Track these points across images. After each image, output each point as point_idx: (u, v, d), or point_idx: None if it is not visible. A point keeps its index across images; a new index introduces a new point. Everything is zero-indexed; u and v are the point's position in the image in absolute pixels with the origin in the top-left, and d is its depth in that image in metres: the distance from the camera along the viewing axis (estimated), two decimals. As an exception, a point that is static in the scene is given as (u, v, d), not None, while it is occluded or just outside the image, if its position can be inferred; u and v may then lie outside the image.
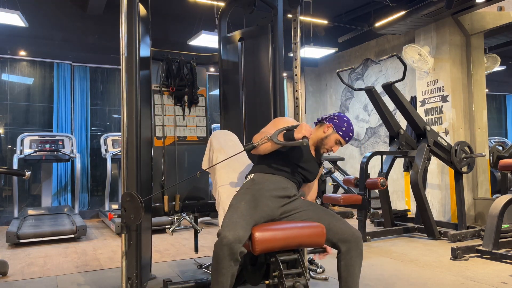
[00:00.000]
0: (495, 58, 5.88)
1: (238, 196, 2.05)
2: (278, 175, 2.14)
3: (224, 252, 1.76)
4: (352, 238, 1.98)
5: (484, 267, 3.21)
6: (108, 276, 3.19)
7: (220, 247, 1.77)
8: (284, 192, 2.11)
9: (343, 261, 2.00)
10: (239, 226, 1.81)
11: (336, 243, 1.99)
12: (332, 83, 7.90)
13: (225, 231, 1.78)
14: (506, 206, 3.52)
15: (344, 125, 2.21)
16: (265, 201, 2.03)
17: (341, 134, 2.20)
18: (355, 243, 1.98)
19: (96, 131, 6.77)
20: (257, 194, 2.05)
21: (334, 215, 2.07)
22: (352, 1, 6.21)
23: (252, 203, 1.98)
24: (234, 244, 1.76)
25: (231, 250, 1.76)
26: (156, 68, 3.15)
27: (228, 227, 1.80)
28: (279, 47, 2.82)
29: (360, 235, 2.01)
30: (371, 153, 4.46)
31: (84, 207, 6.43)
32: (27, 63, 6.38)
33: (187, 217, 3.11)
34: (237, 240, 1.76)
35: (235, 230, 1.78)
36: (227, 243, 1.75)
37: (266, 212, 2.00)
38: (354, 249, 1.98)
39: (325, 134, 2.23)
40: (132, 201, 1.97)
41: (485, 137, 5.34)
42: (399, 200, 6.30)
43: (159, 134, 3.11)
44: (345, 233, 1.98)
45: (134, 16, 2.24)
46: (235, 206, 1.96)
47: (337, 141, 2.22)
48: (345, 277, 2.00)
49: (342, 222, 2.03)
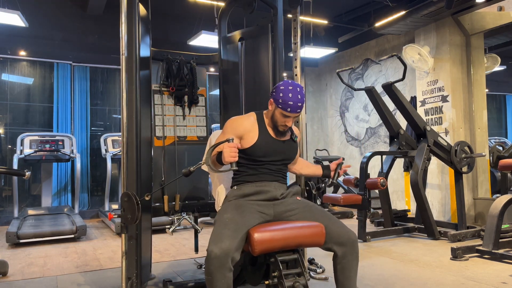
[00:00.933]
0: (495, 58, 5.88)
1: (221, 211, 2.03)
2: (257, 182, 2.09)
3: (214, 266, 1.74)
4: (348, 241, 1.96)
5: (484, 267, 3.21)
6: (108, 276, 3.19)
7: (210, 262, 1.75)
8: (269, 194, 2.07)
9: (339, 265, 1.98)
10: (225, 237, 1.78)
11: (331, 247, 1.98)
12: (332, 83, 7.90)
13: (211, 246, 1.76)
14: (506, 206, 3.52)
15: (280, 95, 1.97)
16: (250, 206, 2.01)
17: (280, 106, 1.98)
18: (351, 247, 1.96)
19: (96, 131, 6.77)
20: (241, 203, 2.03)
21: (330, 217, 2.04)
22: (352, 1, 6.21)
23: (236, 211, 1.96)
24: (222, 257, 1.73)
25: (220, 262, 1.73)
26: (156, 68, 3.15)
27: (214, 241, 1.78)
28: (279, 47, 2.82)
29: (356, 238, 1.99)
30: (371, 153, 4.46)
31: (84, 207, 6.43)
32: (27, 63, 6.38)
33: (187, 217, 3.10)
34: (224, 252, 1.74)
35: (221, 242, 1.76)
36: (215, 257, 1.73)
37: (256, 213, 1.98)
38: (350, 253, 1.96)
39: (271, 111, 2.07)
40: (130, 201, 1.98)
41: (485, 137, 5.34)
42: (399, 200, 6.29)
43: (159, 134, 3.11)
44: (341, 236, 1.96)
45: (134, 16, 2.24)
46: (219, 220, 1.94)
47: (283, 115, 2.00)
48: (342, 280, 1.99)
49: (338, 225, 2.00)
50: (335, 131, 7.86)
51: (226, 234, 1.80)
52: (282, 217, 2.06)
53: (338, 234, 1.97)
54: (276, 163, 2.13)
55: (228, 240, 1.77)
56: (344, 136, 7.61)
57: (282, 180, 2.18)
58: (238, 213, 1.94)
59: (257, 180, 2.10)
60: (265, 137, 2.10)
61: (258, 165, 2.11)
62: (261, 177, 2.10)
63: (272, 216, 2.05)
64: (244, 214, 1.94)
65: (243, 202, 2.05)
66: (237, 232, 1.83)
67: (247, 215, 1.94)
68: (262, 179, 2.10)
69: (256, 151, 2.07)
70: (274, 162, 2.12)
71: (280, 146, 2.13)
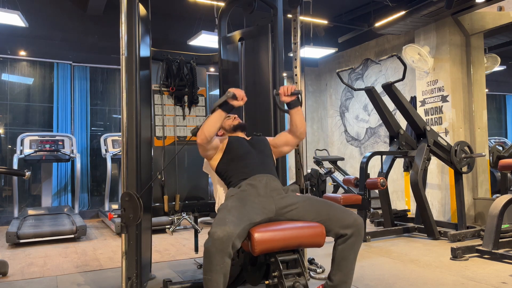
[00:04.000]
0: (495, 58, 5.88)
1: (224, 203, 2.06)
2: (250, 177, 2.15)
3: (215, 248, 1.73)
4: (354, 224, 1.96)
5: (484, 267, 3.21)
6: (108, 276, 3.19)
7: (211, 242, 1.75)
8: (268, 187, 2.12)
9: (341, 245, 1.97)
10: (229, 221, 1.80)
11: (338, 231, 1.97)
12: (332, 83, 7.90)
13: (214, 228, 1.78)
14: (506, 206, 3.52)
15: None
16: (253, 199, 2.04)
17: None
18: (356, 229, 1.96)
19: (96, 131, 6.77)
20: (242, 196, 2.06)
21: (332, 204, 2.05)
22: (352, 1, 6.21)
23: (240, 203, 1.98)
24: (224, 239, 1.73)
25: (222, 245, 1.73)
26: (156, 68, 3.15)
27: (218, 224, 1.80)
28: (279, 47, 2.82)
29: (362, 221, 2.00)
30: (371, 153, 4.46)
31: (84, 207, 6.43)
32: (27, 63, 6.38)
33: (187, 217, 3.11)
34: (227, 234, 1.74)
35: (224, 225, 1.77)
36: (217, 238, 1.73)
37: (258, 208, 1.99)
38: (354, 235, 1.96)
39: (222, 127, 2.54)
40: (131, 201, 1.98)
41: (485, 137, 5.34)
42: (399, 200, 6.30)
43: (159, 134, 3.11)
44: (347, 219, 1.97)
45: (134, 16, 2.25)
46: (222, 208, 1.97)
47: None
48: (338, 260, 1.97)
49: (342, 210, 2.01)
50: (335, 131, 7.86)
51: (230, 219, 1.82)
52: (284, 212, 2.06)
53: (343, 218, 1.97)
54: (258, 155, 2.29)
55: (232, 225, 1.79)
56: (344, 136, 7.61)
57: (274, 173, 2.26)
58: (242, 205, 1.96)
59: (250, 175, 2.17)
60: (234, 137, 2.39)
61: (243, 161, 2.23)
62: (252, 172, 2.19)
63: (274, 212, 2.04)
64: (247, 207, 1.96)
65: (245, 195, 2.06)
66: (240, 220, 1.84)
67: (249, 208, 1.96)
68: (254, 172, 2.18)
69: (236, 149, 2.29)
70: (255, 155, 2.28)
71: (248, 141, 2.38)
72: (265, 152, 2.34)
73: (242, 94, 2.15)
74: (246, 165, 2.22)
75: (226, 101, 2.13)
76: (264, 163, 2.27)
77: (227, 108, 2.14)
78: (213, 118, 2.14)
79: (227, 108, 2.14)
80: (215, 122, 2.14)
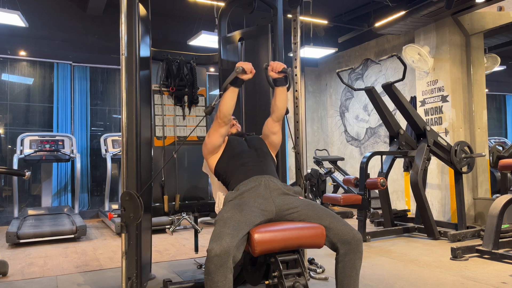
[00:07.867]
0: (495, 58, 5.88)
1: (221, 211, 2.03)
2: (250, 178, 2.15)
3: (215, 265, 1.71)
4: (352, 240, 1.91)
5: (484, 267, 3.21)
6: (108, 276, 3.19)
7: (210, 260, 1.72)
8: (268, 188, 2.11)
9: (341, 263, 1.94)
10: (225, 235, 1.77)
11: (335, 244, 1.94)
12: (332, 83, 7.90)
13: (211, 244, 1.74)
14: (506, 206, 3.52)
15: None
16: (252, 203, 2.02)
17: None
18: (355, 246, 1.91)
19: (96, 131, 6.77)
20: (240, 201, 2.04)
21: (334, 215, 2.02)
22: (352, 1, 6.21)
23: (237, 210, 1.95)
24: (222, 255, 1.71)
25: (220, 261, 1.70)
26: (156, 68, 3.15)
27: (214, 240, 1.76)
28: (279, 47, 2.82)
29: (361, 237, 1.95)
30: (371, 153, 4.45)
31: (84, 207, 6.42)
32: (27, 63, 6.38)
33: (187, 217, 3.11)
34: (224, 250, 1.71)
35: (221, 240, 1.74)
36: (215, 255, 1.70)
37: (258, 211, 1.97)
38: (353, 252, 1.91)
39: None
40: (131, 200, 1.97)
41: (485, 137, 5.34)
42: (399, 200, 6.30)
43: (159, 134, 3.11)
44: (346, 234, 1.92)
45: (134, 16, 2.25)
46: (219, 220, 1.93)
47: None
48: (342, 279, 1.94)
49: (343, 223, 1.97)
50: (335, 131, 7.86)
51: (226, 232, 1.78)
52: (284, 215, 2.04)
53: (342, 232, 1.93)
54: (256, 154, 2.31)
55: (228, 238, 1.75)
56: (344, 136, 7.61)
57: (273, 172, 2.27)
58: (239, 212, 1.93)
59: (249, 176, 2.17)
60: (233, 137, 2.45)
61: (242, 160, 2.25)
62: (251, 172, 2.20)
63: (274, 213, 2.03)
64: (244, 212, 1.93)
65: (243, 200, 2.04)
66: (237, 230, 1.81)
67: (247, 213, 1.93)
68: (252, 173, 2.19)
69: (233, 147, 2.33)
70: (253, 154, 2.31)
71: (246, 141, 2.43)
72: (263, 150, 2.36)
73: (250, 67, 2.19)
74: (244, 164, 2.22)
75: (237, 77, 2.17)
76: (263, 162, 2.27)
77: (238, 84, 2.21)
78: (228, 96, 2.19)
79: (238, 84, 2.20)
80: (230, 99, 2.19)
